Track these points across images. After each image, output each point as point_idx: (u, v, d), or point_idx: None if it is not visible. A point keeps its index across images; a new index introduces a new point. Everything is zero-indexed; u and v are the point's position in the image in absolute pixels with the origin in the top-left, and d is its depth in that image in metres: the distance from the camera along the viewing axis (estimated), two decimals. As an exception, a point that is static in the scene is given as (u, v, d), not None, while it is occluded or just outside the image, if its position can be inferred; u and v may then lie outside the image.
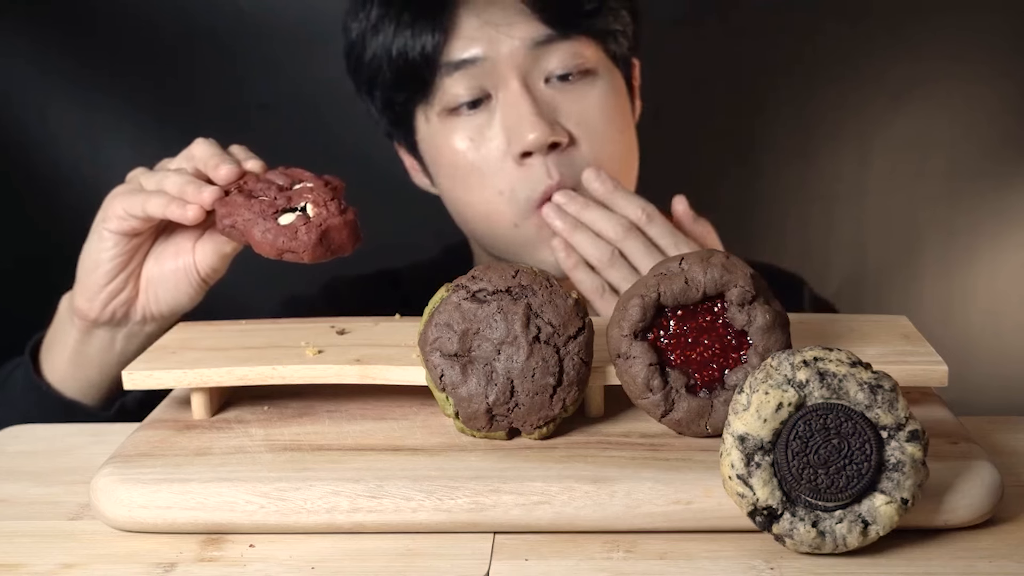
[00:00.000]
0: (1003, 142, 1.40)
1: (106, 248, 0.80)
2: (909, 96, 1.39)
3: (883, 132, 1.40)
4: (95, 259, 0.81)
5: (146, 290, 0.83)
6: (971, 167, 1.41)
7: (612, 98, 0.95)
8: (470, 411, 0.65)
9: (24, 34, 1.32)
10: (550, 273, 0.67)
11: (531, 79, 0.92)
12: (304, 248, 0.73)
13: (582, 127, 0.93)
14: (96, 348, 0.85)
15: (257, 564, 0.59)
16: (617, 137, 0.96)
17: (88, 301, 0.82)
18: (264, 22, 1.34)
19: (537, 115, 0.91)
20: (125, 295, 0.83)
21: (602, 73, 0.95)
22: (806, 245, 1.43)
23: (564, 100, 0.93)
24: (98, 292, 0.82)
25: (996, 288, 1.44)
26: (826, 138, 1.40)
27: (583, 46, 0.93)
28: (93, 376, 0.87)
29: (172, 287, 0.83)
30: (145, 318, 0.84)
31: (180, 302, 0.84)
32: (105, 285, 0.82)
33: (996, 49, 1.38)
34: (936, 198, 1.42)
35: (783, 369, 0.56)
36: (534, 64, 0.92)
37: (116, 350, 0.86)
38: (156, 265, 0.83)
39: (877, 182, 1.42)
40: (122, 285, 0.82)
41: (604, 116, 0.94)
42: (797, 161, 1.40)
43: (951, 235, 1.43)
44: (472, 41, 0.92)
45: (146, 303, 0.83)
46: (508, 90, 0.92)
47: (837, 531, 0.57)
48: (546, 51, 0.92)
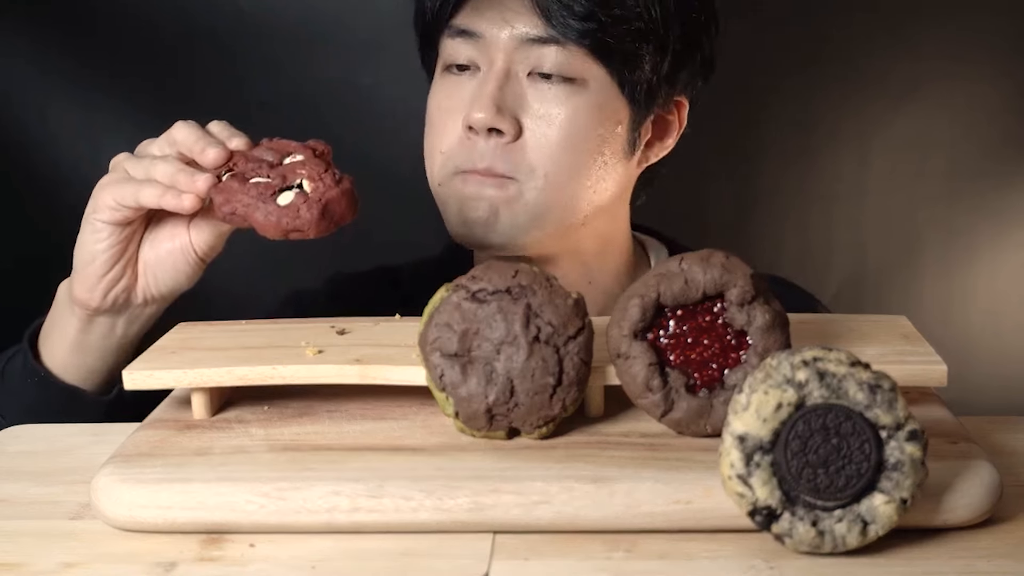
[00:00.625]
0: (1003, 142, 1.40)
1: (100, 239, 0.80)
2: (909, 96, 1.39)
3: (883, 132, 1.40)
4: (91, 250, 0.81)
5: (144, 274, 0.83)
6: (971, 167, 1.41)
7: (590, 117, 0.92)
8: (470, 411, 0.65)
9: (24, 34, 1.32)
10: (550, 273, 0.67)
11: (516, 68, 0.92)
12: (308, 225, 0.74)
13: (535, 126, 0.92)
14: (97, 335, 0.85)
15: (257, 564, 0.59)
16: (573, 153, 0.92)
17: (88, 292, 0.82)
18: (264, 22, 1.34)
19: (492, 98, 0.91)
20: (124, 282, 0.82)
21: (590, 90, 0.92)
22: (806, 245, 1.43)
23: (534, 96, 0.92)
24: (97, 282, 0.82)
25: (996, 288, 1.44)
26: (826, 138, 1.40)
27: (576, 56, 0.92)
28: (93, 363, 0.86)
29: (170, 268, 0.83)
30: (146, 300, 0.84)
31: (179, 282, 0.84)
32: (103, 275, 0.81)
33: (996, 49, 1.38)
34: (936, 198, 1.42)
35: (783, 369, 0.56)
36: (523, 56, 0.92)
37: (117, 335, 0.85)
38: (152, 248, 0.83)
39: (877, 182, 1.42)
40: (120, 273, 0.82)
41: (566, 126, 0.92)
42: (797, 161, 1.40)
43: (951, 235, 1.43)
44: (479, 15, 0.93)
45: (145, 286, 0.83)
46: (491, 69, 0.93)
47: (836, 531, 0.57)
48: (537, 49, 0.92)
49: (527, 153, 0.92)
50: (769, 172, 1.39)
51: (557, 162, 0.92)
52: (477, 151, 0.92)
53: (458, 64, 0.94)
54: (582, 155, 0.93)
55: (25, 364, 0.87)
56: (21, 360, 0.88)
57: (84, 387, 0.87)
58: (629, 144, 0.96)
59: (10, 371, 0.89)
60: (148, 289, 0.83)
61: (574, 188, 0.93)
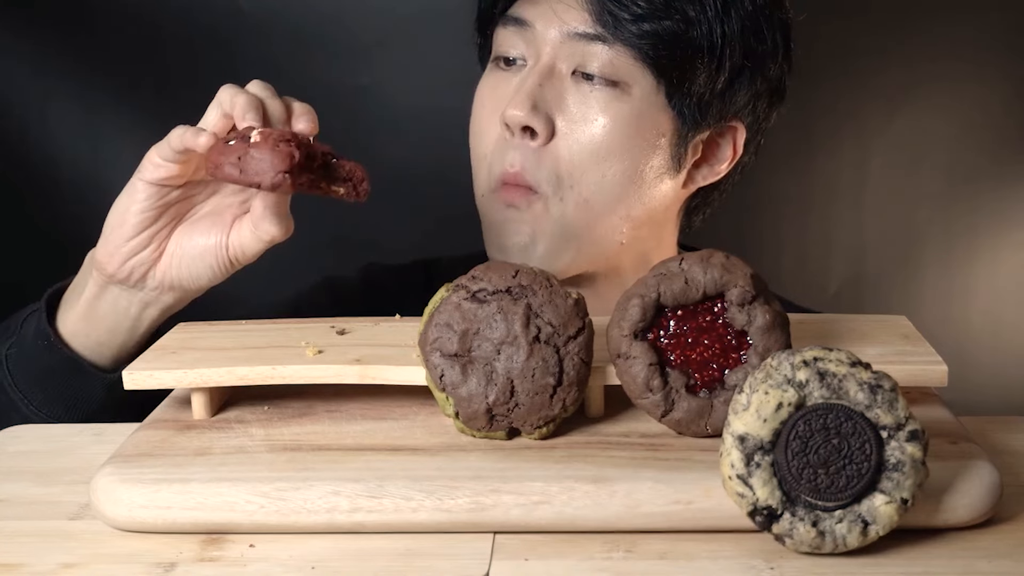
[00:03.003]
0: (1002, 142, 1.40)
1: (137, 200, 0.78)
2: (908, 96, 1.39)
3: (882, 132, 1.40)
4: (123, 211, 0.79)
5: (171, 256, 0.81)
6: (970, 167, 1.41)
7: (629, 126, 0.89)
8: (470, 411, 0.65)
9: (25, 34, 1.32)
10: (550, 273, 0.67)
11: (562, 65, 0.90)
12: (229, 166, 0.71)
13: (569, 129, 0.89)
14: (108, 306, 0.83)
15: (257, 564, 0.59)
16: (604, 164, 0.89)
17: (109, 255, 0.80)
18: (264, 22, 1.34)
19: (530, 94, 0.89)
20: (147, 254, 0.80)
21: (633, 97, 0.89)
22: (805, 245, 1.44)
23: (574, 97, 0.90)
24: (120, 246, 0.79)
25: (996, 288, 1.44)
26: (825, 138, 1.40)
27: (623, 58, 0.88)
28: (102, 336, 0.84)
29: (197, 260, 0.80)
30: (163, 285, 0.81)
31: (201, 276, 0.81)
32: (129, 239, 0.79)
33: (995, 50, 1.38)
34: (935, 198, 1.42)
35: (783, 369, 0.56)
36: (570, 53, 0.90)
37: (130, 315, 0.83)
38: (186, 235, 0.81)
39: (876, 182, 1.42)
40: (146, 242, 0.80)
41: (600, 133, 0.89)
42: (796, 161, 1.40)
43: (951, 235, 1.43)
44: (532, 6, 0.91)
45: (166, 269, 0.81)
46: (536, 65, 0.91)
47: (837, 531, 0.57)
48: (585, 47, 0.89)
49: (555, 159, 0.89)
50: (768, 173, 1.39)
51: (585, 172, 0.89)
52: (509, 152, 0.90)
53: (506, 57, 0.93)
54: (614, 166, 0.90)
55: (38, 325, 0.85)
56: (35, 321, 0.86)
57: (92, 358, 0.85)
58: (674, 160, 0.92)
59: (25, 332, 0.87)
60: (168, 273, 0.81)
61: (604, 200, 0.90)
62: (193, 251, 0.80)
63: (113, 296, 0.82)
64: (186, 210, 0.81)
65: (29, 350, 0.85)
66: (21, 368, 0.85)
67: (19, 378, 0.85)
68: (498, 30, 0.94)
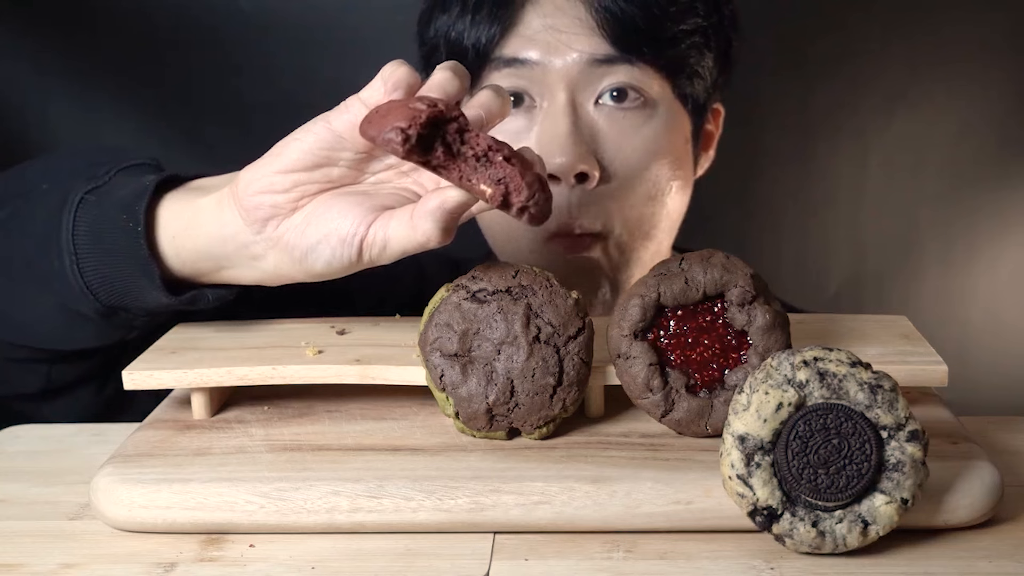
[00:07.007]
0: (1002, 142, 1.40)
1: (306, 139, 0.66)
2: (908, 96, 1.39)
3: (882, 132, 1.40)
4: (288, 142, 0.67)
5: (305, 215, 0.67)
6: (970, 167, 1.41)
7: (665, 139, 0.87)
8: (470, 411, 0.65)
9: (25, 34, 1.32)
10: (550, 273, 0.67)
11: (581, 97, 0.85)
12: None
13: (619, 162, 0.85)
14: (209, 226, 0.69)
15: (257, 564, 0.59)
16: (658, 185, 0.87)
17: (251, 177, 0.67)
18: (264, 22, 1.34)
19: (572, 138, 0.84)
20: (282, 199, 0.67)
21: (662, 110, 0.87)
22: (805, 245, 1.43)
23: (610, 128, 0.85)
24: (266, 174, 0.66)
25: (996, 288, 1.44)
26: (825, 138, 1.40)
27: (647, 75, 0.86)
28: (183, 252, 0.71)
29: (322, 236, 0.66)
30: (279, 243, 0.67)
31: (318, 259, 0.66)
32: (276, 172, 0.66)
33: (995, 50, 1.37)
34: (935, 198, 1.42)
35: (783, 369, 0.56)
36: (588, 82, 0.85)
37: (222, 251, 0.69)
38: (326, 203, 0.67)
39: (876, 182, 1.41)
40: (288, 186, 0.66)
41: (649, 156, 0.86)
42: (796, 161, 1.40)
43: (951, 235, 1.42)
44: (530, 42, 0.86)
45: (289, 227, 0.67)
46: (553, 103, 0.85)
47: (837, 531, 0.57)
48: (604, 71, 0.85)
49: (613, 192, 0.86)
50: (768, 173, 1.39)
51: (646, 200, 0.87)
52: (562, 203, 0.84)
53: None
54: (663, 184, 0.88)
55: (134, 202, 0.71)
56: (132, 187, 0.72)
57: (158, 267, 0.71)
58: (694, 159, 0.92)
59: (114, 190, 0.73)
60: (289, 233, 0.67)
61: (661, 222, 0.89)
62: (321, 225, 0.66)
63: (218, 219, 0.69)
64: (348, 182, 0.68)
65: (108, 215, 0.72)
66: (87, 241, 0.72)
67: (81, 251, 0.72)
68: (489, 74, 0.87)
